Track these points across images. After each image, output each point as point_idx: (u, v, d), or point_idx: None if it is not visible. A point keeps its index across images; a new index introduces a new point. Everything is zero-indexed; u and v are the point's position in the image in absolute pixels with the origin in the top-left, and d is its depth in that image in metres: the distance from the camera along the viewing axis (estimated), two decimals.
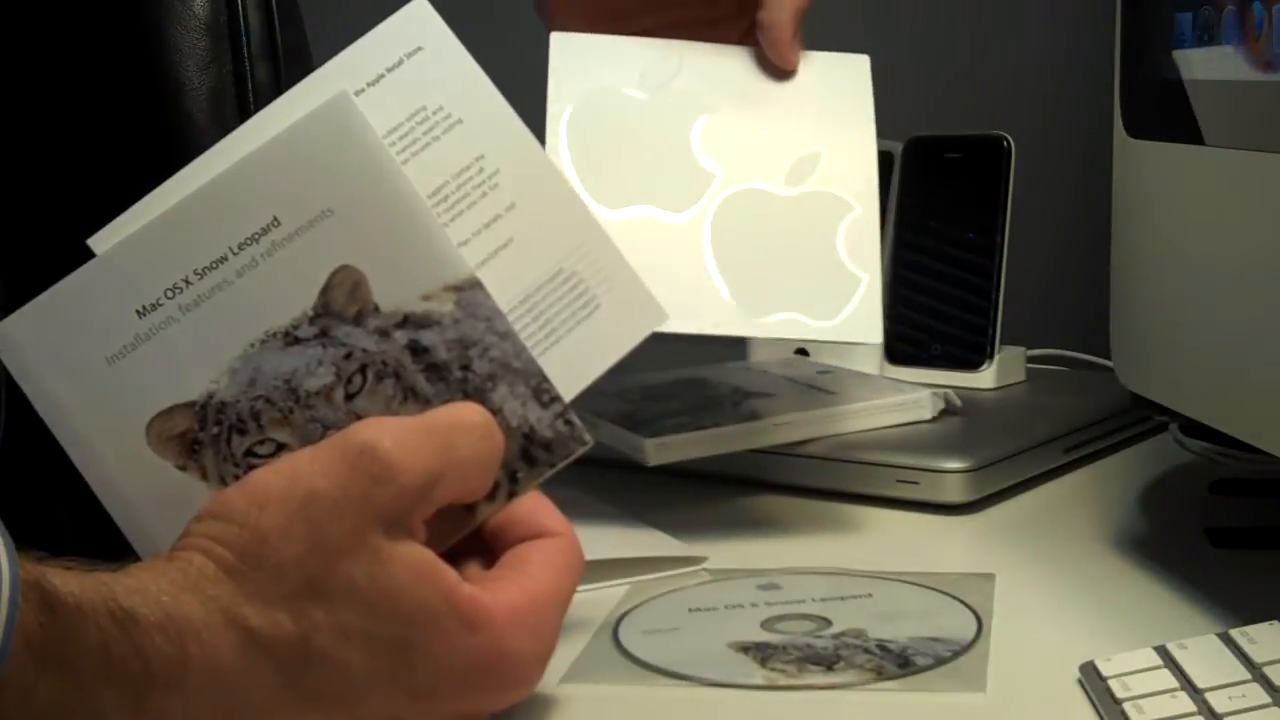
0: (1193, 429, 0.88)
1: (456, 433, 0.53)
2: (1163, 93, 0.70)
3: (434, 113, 0.59)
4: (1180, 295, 0.69)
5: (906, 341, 1.02)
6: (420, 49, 0.60)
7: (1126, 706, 0.54)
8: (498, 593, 0.53)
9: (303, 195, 0.55)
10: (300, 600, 0.50)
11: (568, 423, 0.54)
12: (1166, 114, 0.69)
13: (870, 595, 0.69)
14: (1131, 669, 0.56)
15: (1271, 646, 0.55)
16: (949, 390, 0.92)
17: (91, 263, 0.57)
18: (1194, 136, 0.67)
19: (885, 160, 1.06)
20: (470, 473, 0.54)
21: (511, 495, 0.55)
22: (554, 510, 0.57)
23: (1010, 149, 1.00)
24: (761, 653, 0.63)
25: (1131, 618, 0.66)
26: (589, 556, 0.70)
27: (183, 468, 0.54)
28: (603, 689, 0.61)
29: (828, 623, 0.66)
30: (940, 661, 0.62)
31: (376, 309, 0.54)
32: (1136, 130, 0.73)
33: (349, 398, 0.53)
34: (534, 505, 0.57)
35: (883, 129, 1.10)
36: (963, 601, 0.68)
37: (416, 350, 0.53)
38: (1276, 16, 0.60)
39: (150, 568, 0.50)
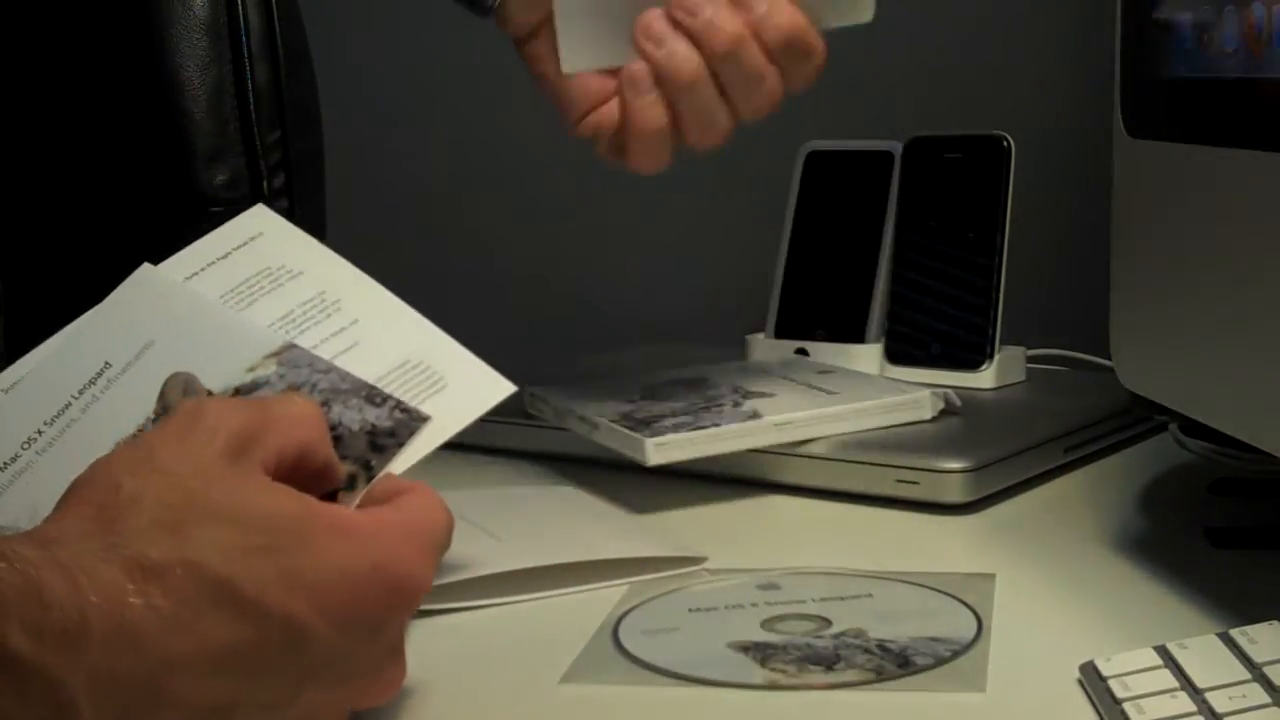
0: (1193, 429, 0.88)
1: (265, 398, 0.58)
2: (1163, 93, 0.70)
3: (277, 269, 0.68)
4: (1180, 295, 0.69)
5: (906, 341, 1.02)
6: (261, 234, 0.69)
7: (1126, 706, 0.54)
8: (365, 513, 0.55)
9: (125, 337, 0.64)
10: (173, 528, 0.50)
11: (404, 410, 0.60)
12: (1166, 114, 0.69)
13: (870, 595, 0.69)
14: (1131, 669, 0.56)
15: (1271, 646, 0.55)
16: (949, 390, 0.92)
17: None
18: (1194, 136, 0.67)
19: (885, 160, 1.06)
20: (294, 422, 0.56)
21: (370, 479, 0.59)
22: (407, 480, 0.59)
23: (1010, 149, 1.00)
24: (761, 653, 0.63)
25: (1131, 618, 0.66)
26: (590, 556, 0.70)
27: None
28: (603, 689, 0.61)
29: (828, 623, 0.66)
30: (940, 661, 0.62)
31: (210, 393, 0.61)
32: (1136, 130, 0.73)
33: None
34: (388, 481, 0.59)
35: (883, 129, 1.10)
36: (963, 601, 0.68)
37: None
38: (1276, 16, 0.60)
39: (26, 532, 0.50)
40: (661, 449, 0.82)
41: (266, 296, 0.67)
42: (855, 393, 0.90)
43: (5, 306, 0.81)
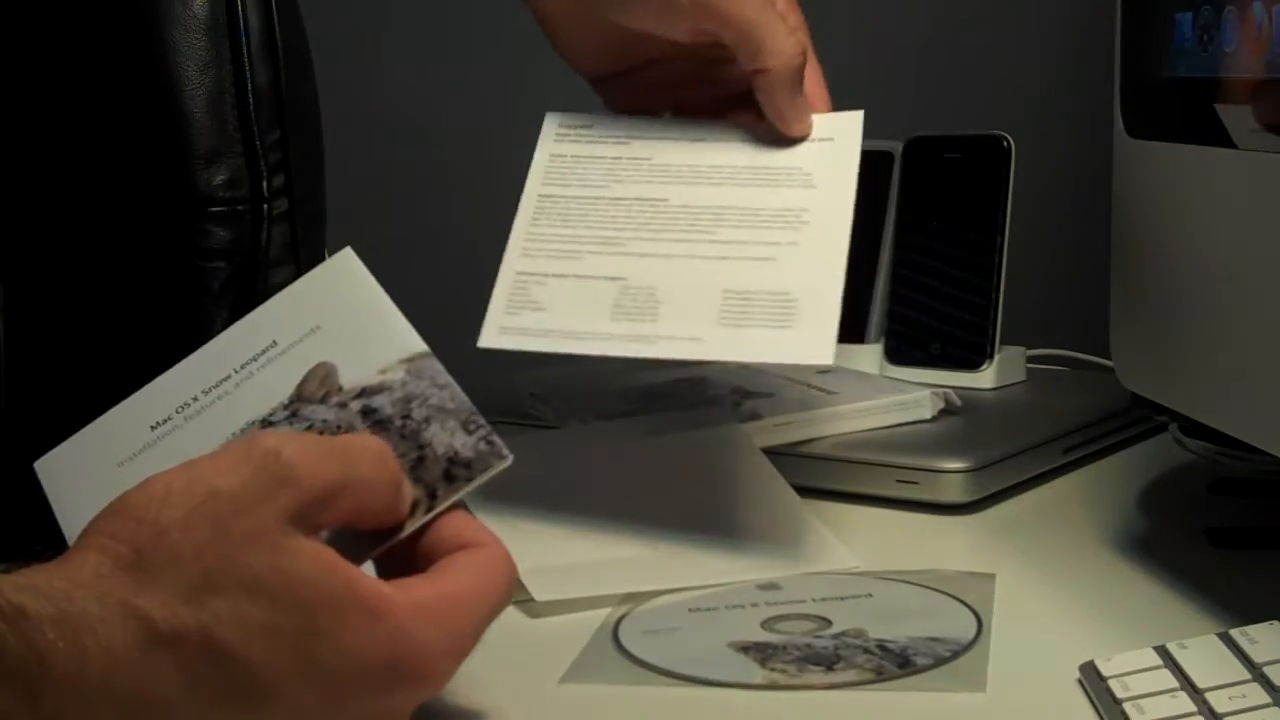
0: (1193, 429, 0.88)
1: (354, 452, 0.55)
2: (1163, 93, 0.70)
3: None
4: (1180, 295, 0.69)
5: (906, 341, 1.02)
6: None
7: (1126, 706, 0.54)
8: (405, 588, 0.53)
9: (299, 318, 0.65)
10: (200, 592, 0.49)
11: (489, 443, 0.59)
12: (1166, 114, 0.69)
13: (870, 595, 0.69)
14: (1131, 669, 0.56)
15: (1271, 646, 0.55)
16: (949, 390, 0.92)
17: (122, 402, 0.65)
18: (1194, 136, 0.67)
19: (885, 160, 1.06)
20: (369, 491, 0.55)
21: (429, 509, 0.58)
22: (481, 526, 0.57)
23: (1010, 149, 1.00)
24: (761, 653, 0.63)
25: (1131, 618, 0.66)
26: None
27: None
28: (603, 689, 0.61)
29: (828, 623, 0.66)
30: (940, 661, 0.62)
31: (340, 389, 0.62)
32: (1136, 130, 0.73)
33: None
34: (461, 523, 0.57)
35: (883, 129, 1.10)
36: (963, 601, 0.68)
37: (367, 412, 0.61)
38: (1276, 16, 0.60)
39: (43, 568, 0.49)
40: None
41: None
42: (855, 393, 0.90)
43: (5, 307, 0.81)
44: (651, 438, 0.83)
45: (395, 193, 1.42)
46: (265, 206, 0.89)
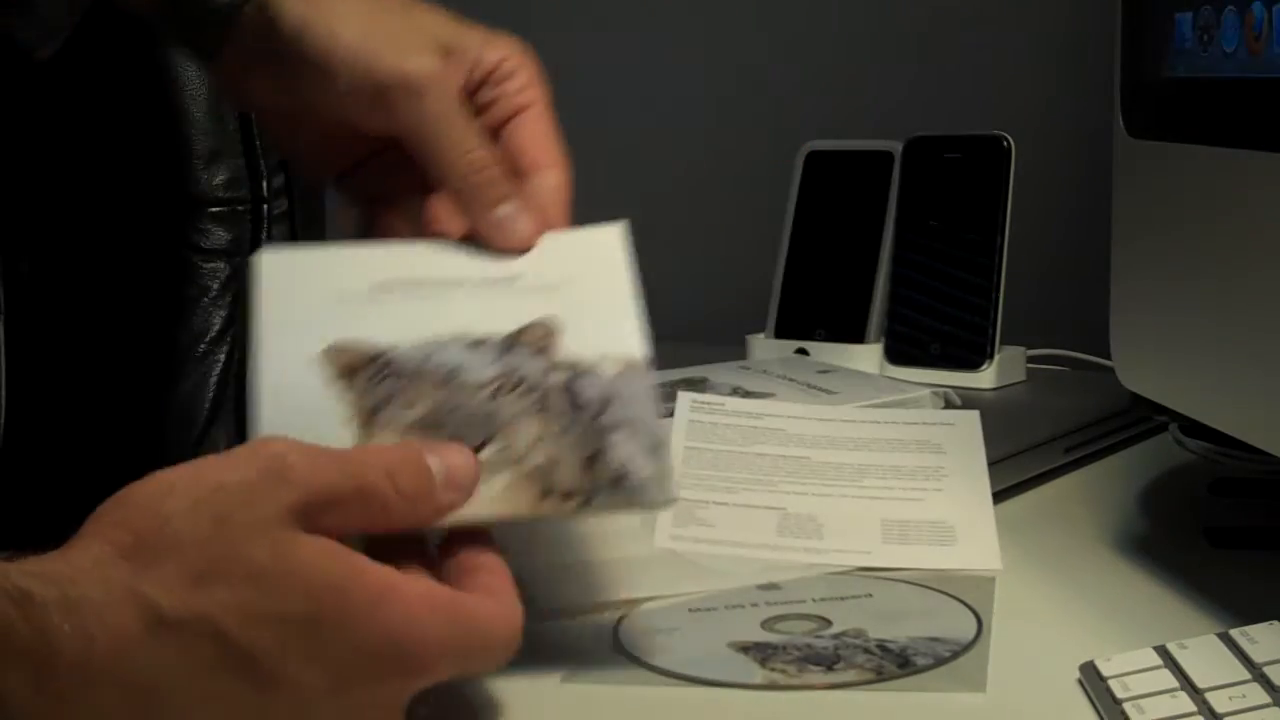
0: (1193, 429, 0.88)
1: (360, 464, 0.54)
2: (1163, 93, 0.70)
3: None
4: (1180, 295, 0.69)
5: (906, 341, 1.02)
6: None
7: (1126, 706, 0.54)
8: (418, 580, 0.53)
9: (550, 268, 0.65)
10: (203, 579, 0.49)
11: (663, 481, 0.59)
12: (1166, 114, 0.69)
13: (870, 595, 0.69)
14: (1131, 669, 0.56)
15: (1271, 646, 0.55)
16: (949, 390, 0.92)
17: (358, 244, 0.67)
18: (1194, 136, 0.67)
19: (885, 160, 1.06)
20: (377, 500, 0.54)
21: (581, 508, 0.59)
22: (511, 589, 0.56)
23: (1010, 149, 1.01)
24: (761, 653, 0.63)
25: (1131, 618, 0.66)
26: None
27: (333, 381, 0.61)
28: (603, 689, 0.61)
29: (828, 623, 0.66)
30: (940, 661, 0.62)
31: (555, 352, 0.62)
32: (1136, 130, 0.73)
33: (493, 396, 0.61)
34: (495, 566, 0.56)
35: (883, 129, 1.10)
36: (963, 601, 0.68)
37: (569, 388, 0.61)
38: (1276, 16, 0.60)
39: (47, 555, 0.49)
40: None
41: None
42: (855, 392, 0.90)
43: (5, 307, 0.81)
44: None
45: None
46: (265, 206, 0.89)
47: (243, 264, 0.89)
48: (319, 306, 0.63)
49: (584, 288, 0.65)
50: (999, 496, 0.80)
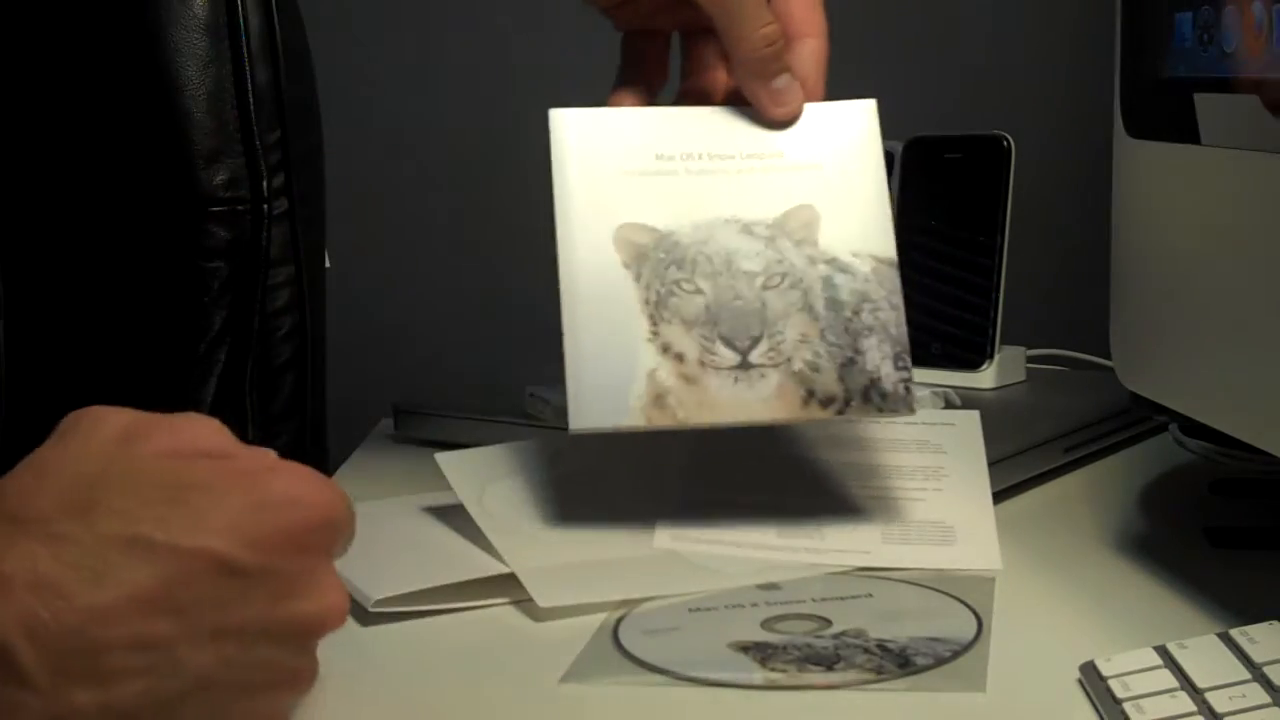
0: (1193, 429, 0.88)
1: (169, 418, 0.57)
2: (1163, 93, 0.70)
3: None
4: (1180, 295, 0.69)
5: None
6: None
7: (1126, 706, 0.54)
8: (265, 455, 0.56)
9: (809, 144, 0.70)
10: (77, 508, 0.51)
11: (908, 389, 0.64)
12: (1166, 114, 0.69)
13: (870, 595, 0.69)
14: (1131, 669, 0.56)
15: (1271, 646, 0.55)
16: (949, 390, 0.92)
17: (639, 109, 0.73)
18: (1194, 136, 0.67)
19: (885, 160, 1.06)
20: (187, 427, 0.56)
21: (839, 413, 0.66)
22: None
23: (1010, 149, 1.00)
24: (761, 653, 0.63)
25: (1131, 618, 0.66)
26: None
27: (626, 265, 0.68)
28: (603, 689, 0.61)
29: (828, 623, 0.66)
30: (940, 661, 0.62)
31: (815, 243, 0.67)
32: (1136, 130, 0.73)
33: (764, 288, 0.67)
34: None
35: (883, 129, 1.10)
36: (963, 601, 0.68)
37: (828, 283, 0.66)
38: (1276, 16, 0.60)
39: None
40: None
41: None
42: None
43: (5, 307, 0.81)
44: (653, 435, 0.83)
45: (395, 193, 1.42)
46: (265, 206, 0.89)
47: (243, 264, 0.89)
48: (609, 178, 0.69)
49: (840, 171, 0.70)
50: (999, 496, 0.80)
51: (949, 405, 0.90)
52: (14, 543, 0.49)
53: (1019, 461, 0.85)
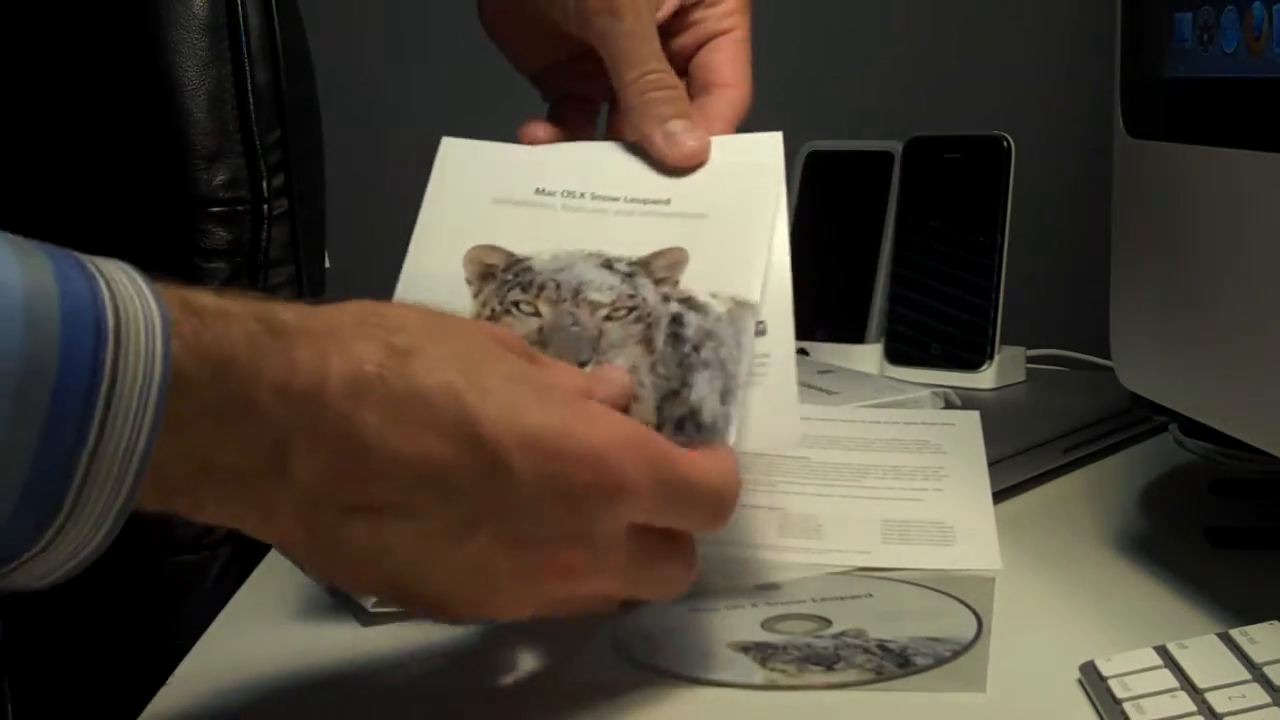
0: (1193, 429, 0.88)
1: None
2: (1163, 93, 0.70)
3: None
4: (1180, 295, 0.69)
5: (906, 341, 1.02)
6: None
7: (1126, 706, 0.54)
8: (620, 419, 0.56)
9: (700, 191, 0.67)
10: (433, 336, 0.53)
11: (726, 424, 0.62)
12: (1166, 114, 0.69)
13: (870, 595, 0.69)
14: (1131, 669, 0.56)
15: (1271, 646, 0.55)
16: (949, 390, 0.92)
17: (531, 146, 0.71)
18: (1194, 136, 0.67)
19: (885, 160, 1.06)
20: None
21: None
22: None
23: (1010, 149, 1.00)
24: (761, 653, 0.63)
25: (1131, 618, 0.66)
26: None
27: (468, 282, 0.66)
28: (603, 689, 0.61)
29: (828, 623, 0.66)
30: (940, 661, 0.62)
31: (676, 283, 0.65)
32: (1136, 130, 0.73)
33: (607, 318, 0.65)
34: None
35: (883, 129, 1.10)
36: (963, 601, 0.68)
37: (677, 319, 0.64)
38: (1277, 16, 0.60)
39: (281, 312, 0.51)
40: None
41: None
42: (855, 393, 0.90)
43: None
44: None
45: (395, 193, 1.42)
46: (265, 206, 0.89)
47: (243, 264, 0.89)
48: (477, 204, 0.68)
49: (726, 216, 0.66)
50: (999, 496, 0.80)
51: (949, 405, 0.90)
52: (360, 344, 0.50)
53: (1019, 461, 0.85)
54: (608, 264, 0.65)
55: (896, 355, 1.02)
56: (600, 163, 0.69)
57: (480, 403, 0.51)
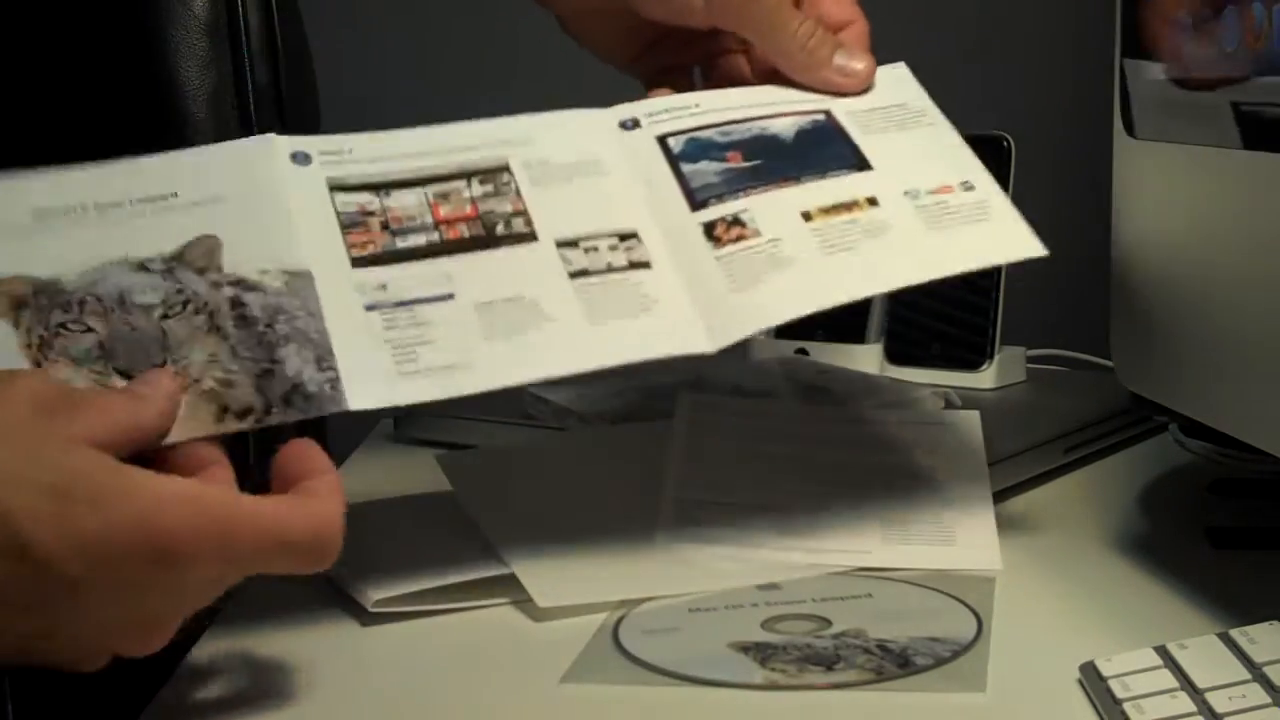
0: (1193, 429, 0.88)
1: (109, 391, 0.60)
2: (1163, 93, 0.70)
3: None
4: (1180, 295, 0.69)
5: (906, 341, 1.02)
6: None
7: (1126, 706, 0.54)
8: (170, 478, 0.56)
9: (207, 182, 0.68)
10: None
11: (334, 388, 0.63)
12: (1166, 114, 0.69)
13: (870, 595, 0.69)
14: (1131, 669, 0.56)
15: (1271, 646, 0.55)
16: (949, 390, 0.92)
17: (12, 173, 0.68)
18: (1193, 136, 0.67)
19: None
20: (117, 408, 0.58)
21: (258, 423, 0.62)
22: (327, 465, 0.60)
23: (1010, 149, 1.00)
24: (761, 653, 0.63)
25: (1131, 618, 0.66)
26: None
27: (3, 317, 0.63)
28: (603, 689, 0.61)
29: (828, 623, 0.66)
30: (940, 661, 0.62)
31: (220, 269, 0.65)
32: (1136, 130, 0.73)
33: (164, 317, 0.64)
34: (308, 453, 0.60)
35: None
36: (963, 601, 0.68)
37: (236, 303, 0.64)
38: (1276, 16, 0.60)
39: None
40: None
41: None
42: (855, 393, 0.90)
43: None
44: (652, 436, 0.83)
45: None
46: None
47: None
48: None
49: (244, 197, 0.67)
50: (999, 496, 0.80)
51: (949, 405, 0.90)
52: None
53: (1019, 461, 0.85)
54: (141, 266, 0.65)
55: (897, 355, 1.02)
56: (94, 175, 0.68)
57: (33, 527, 0.52)
